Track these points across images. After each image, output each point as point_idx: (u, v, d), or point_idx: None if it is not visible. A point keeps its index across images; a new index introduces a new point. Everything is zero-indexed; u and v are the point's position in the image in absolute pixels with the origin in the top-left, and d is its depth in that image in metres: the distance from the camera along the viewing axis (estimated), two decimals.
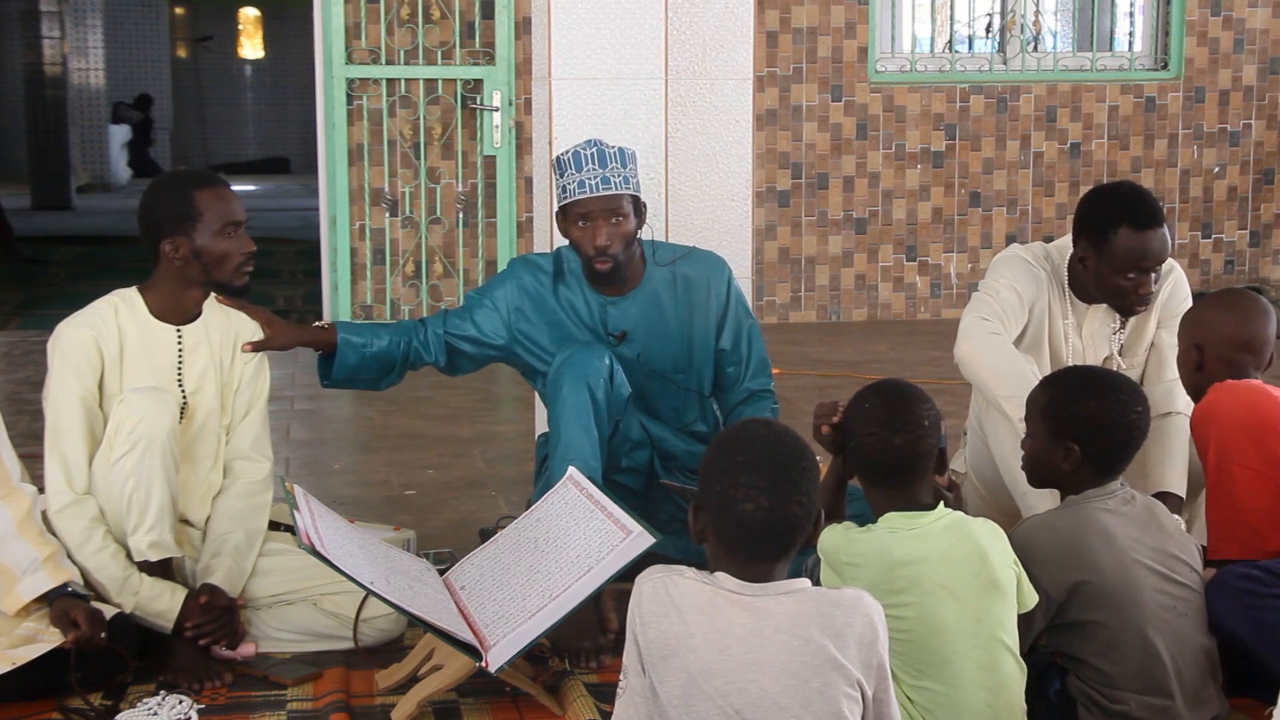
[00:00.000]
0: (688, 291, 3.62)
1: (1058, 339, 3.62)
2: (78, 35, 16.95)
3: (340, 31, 7.28)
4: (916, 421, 2.60)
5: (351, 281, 7.46)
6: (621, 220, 3.45)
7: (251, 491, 3.29)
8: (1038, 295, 3.57)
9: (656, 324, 3.59)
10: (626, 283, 3.58)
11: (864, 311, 7.96)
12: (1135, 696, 2.63)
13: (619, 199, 3.44)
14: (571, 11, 3.99)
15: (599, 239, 3.44)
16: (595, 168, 3.43)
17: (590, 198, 3.43)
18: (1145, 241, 3.41)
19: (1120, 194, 3.52)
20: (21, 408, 5.22)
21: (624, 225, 3.46)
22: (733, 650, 2.16)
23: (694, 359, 3.63)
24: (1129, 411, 2.73)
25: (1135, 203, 3.47)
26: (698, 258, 3.67)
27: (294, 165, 19.43)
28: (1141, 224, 3.41)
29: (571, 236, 3.50)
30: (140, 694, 2.98)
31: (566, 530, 2.95)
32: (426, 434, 5.39)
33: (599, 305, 3.59)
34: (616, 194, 3.43)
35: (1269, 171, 8.29)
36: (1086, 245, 3.48)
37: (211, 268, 3.18)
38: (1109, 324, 3.64)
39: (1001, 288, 3.55)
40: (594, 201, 3.43)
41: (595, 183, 3.43)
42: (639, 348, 3.59)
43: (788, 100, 7.76)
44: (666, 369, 3.61)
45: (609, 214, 3.43)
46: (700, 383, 3.65)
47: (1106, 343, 3.65)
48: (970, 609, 2.52)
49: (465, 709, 2.96)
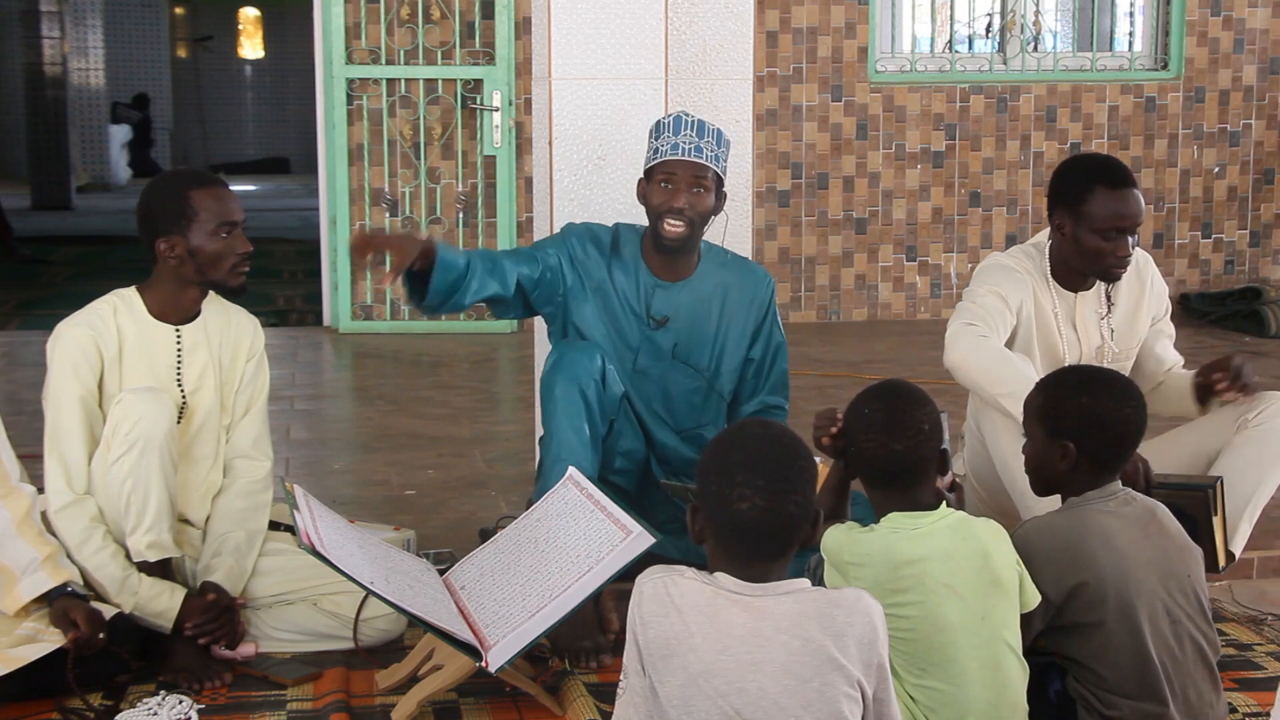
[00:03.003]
0: (732, 295, 3.64)
1: (1051, 332, 3.64)
2: (78, 35, 16.96)
3: (340, 31, 7.28)
4: (917, 426, 2.60)
5: (351, 281, 7.46)
6: (703, 192, 3.49)
7: (252, 491, 3.29)
8: (1024, 296, 3.61)
9: (697, 318, 3.62)
10: (687, 257, 3.59)
11: (864, 311, 7.96)
12: (1128, 702, 2.62)
13: (705, 170, 3.48)
14: (571, 11, 3.99)
15: (678, 200, 3.47)
16: (692, 135, 3.48)
17: (680, 160, 3.46)
18: (1121, 200, 3.48)
19: (1092, 159, 3.67)
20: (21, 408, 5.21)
21: (704, 198, 3.50)
22: (733, 650, 2.16)
23: (724, 362, 3.65)
24: (1122, 407, 2.73)
25: (1108, 165, 3.59)
26: (747, 267, 3.72)
27: (294, 165, 19.44)
28: (1116, 183, 3.51)
29: (650, 199, 3.52)
30: (140, 694, 2.98)
31: (566, 530, 2.96)
32: (426, 434, 5.39)
33: (649, 286, 3.60)
34: (705, 165, 3.48)
35: (1269, 171, 8.28)
36: (1064, 212, 3.56)
37: (206, 267, 3.18)
38: (1097, 311, 3.66)
39: (983, 294, 3.60)
40: (682, 165, 3.46)
41: (689, 148, 3.47)
42: (675, 338, 3.61)
43: (788, 100, 7.76)
44: (697, 364, 3.63)
45: (693, 181, 3.47)
46: (723, 386, 3.67)
47: (1097, 329, 3.67)
48: (974, 608, 2.52)
49: (465, 709, 2.96)
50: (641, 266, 3.60)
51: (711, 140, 3.50)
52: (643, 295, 3.60)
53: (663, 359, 3.60)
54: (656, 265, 3.60)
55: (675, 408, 3.64)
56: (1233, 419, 3.53)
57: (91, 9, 17.56)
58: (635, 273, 3.60)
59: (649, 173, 3.53)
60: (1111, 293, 3.69)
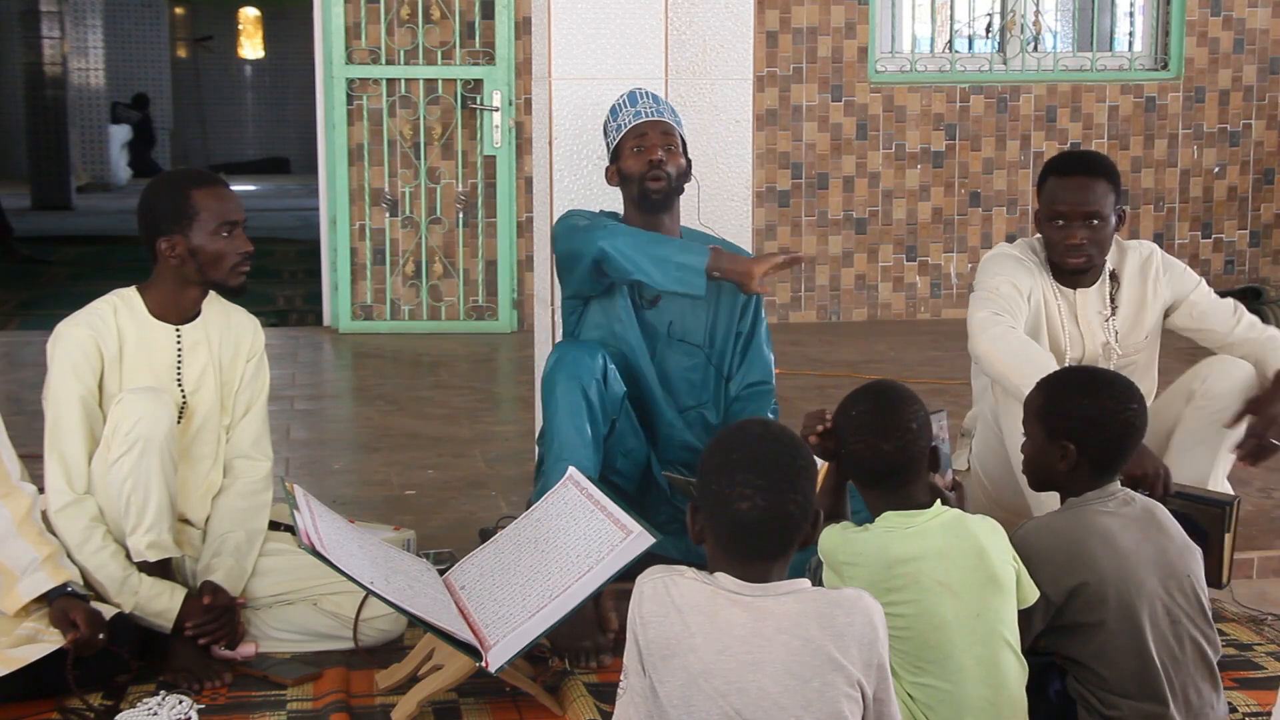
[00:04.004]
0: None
1: (1055, 327, 3.65)
2: (78, 35, 16.97)
3: (340, 31, 7.28)
4: (904, 426, 2.59)
5: (351, 281, 7.46)
6: (674, 150, 3.55)
7: (252, 491, 3.29)
8: (1032, 286, 3.65)
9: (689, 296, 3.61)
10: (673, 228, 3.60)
11: (864, 311, 7.96)
12: (1128, 702, 2.62)
13: (673, 130, 3.57)
14: (571, 11, 3.99)
15: (654, 154, 3.52)
16: (650, 103, 3.59)
17: (647, 121, 3.55)
18: (1064, 187, 3.58)
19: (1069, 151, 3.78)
20: (21, 408, 5.21)
21: (676, 155, 3.56)
22: (733, 650, 2.16)
23: (717, 337, 3.67)
24: (1123, 409, 2.73)
25: (1070, 154, 3.72)
26: (731, 246, 3.72)
27: (294, 165, 19.45)
28: (1066, 170, 3.62)
29: (625, 168, 3.56)
30: (140, 694, 2.98)
31: (566, 530, 2.96)
32: (426, 434, 5.39)
33: None
34: (671, 124, 3.56)
35: (1269, 171, 8.28)
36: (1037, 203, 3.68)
37: (206, 267, 3.18)
38: (1101, 311, 3.67)
39: (999, 284, 3.61)
40: (650, 125, 3.55)
41: (650, 111, 3.56)
42: (670, 316, 3.62)
43: (788, 100, 7.76)
44: (694, 340, 3.64)
45: (664, 138, 3.54)
46: (721, 361, 3.67)
47: (1101, 330, 3.67)
48: (969, 605, 2.52)
49: (465, 709, 2.96)
50: None
51: (668, 109, 3.61)
52: None
53: (659, 340, 3.61)
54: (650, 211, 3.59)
55: (675, 387, 3.64)
56: (1184, 391, 3.60)
57: (91, 9, 17.56)
58: None
59: (618, 150, 3.57)
60: (1115, 294, 3.69)
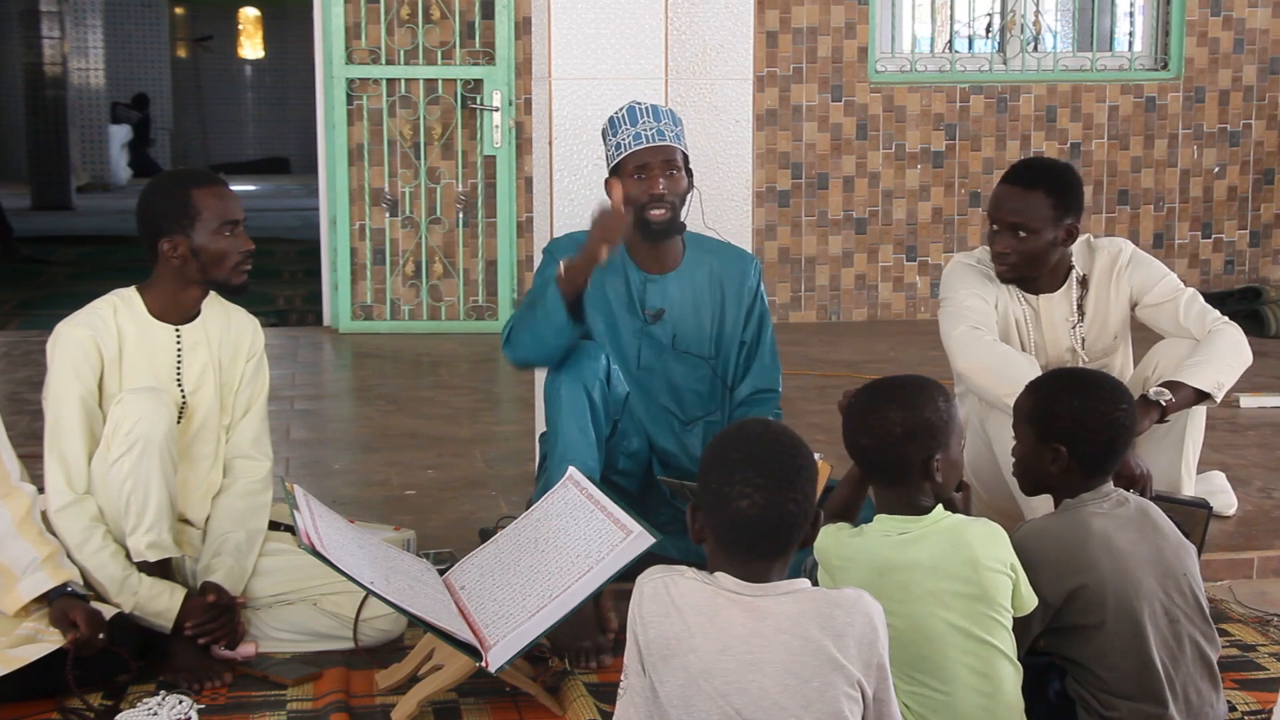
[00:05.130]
0: (721, 280, 3.66)
1: (1020, 334, 3.67)
2: (78, 35, 16.96)
3: (340, 31, 7.28)
4: (885, 428, 2.56)
5: (351, 281, 7.46)
6: (676, 174, 3.52)
7: (252, 490, 3.29)
8: (997, 295, 3.68)
9: (691, 307, 3.63)
10: (672, 245, 3.60)
11: (864, 311, 7.96)
12: (1128, 703, 2.61)
13: (674, 152, 3.52)
14: (571, 11, 3.99)
15: (656, 187, 3.49)
16: (650, 121, 3.52)
17: (648, 148, 3.49)
18: (1000, 193, 3.63)
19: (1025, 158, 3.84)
20: (21, 408, 5.21)
21: (679, 179, 3.53)
22: (733, 650, 2.16)
23: (722, 346, 3.66)
24: (1113, 410, 2.73)
25: (1022, 161, 3.82)
26: (732, 250, 3.75)
27: (294, 165, 19.45)
28: (1007, 176, 3.66)
29: (629, 193, 3.52)
30: (140, 694, 2.98)
31: (566, 530, 2.96)
32: (426, 434, 5.39)
33: (639, 282, 3.61)
34: (672, 146, 3.52)
35: (1269, 171, 8.28)
36: None
37: (209, 266, 3.18)
38: (1068, 318, 3.68)
39: (964, 298, 3.65)
40: (651, 152, 3.50)
41: (651, 134, 3.51)
42: (674, 328, 3.62)
43: (788, 100, 7.76)
44: (699, 352, 3.64)
45: (665, 165, 3.50)
46: (726, 370, 3.67)
47: (1067, 335, 3.68)
48: (959, 618, 2.50)
49: (465, 709, 2.96)
50: (629, 264, 3.60)
51: (669, 121, 3.55)
52: (634, 292, 3.60)
53: (664, 352, 3.60)
54: (644, 259, 3.60)
55: (683, 399, 3.65)
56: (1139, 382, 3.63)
57: (91, 9, 17.56)
58: (624, 271, 3.60)
59: (618, 168, 3.54)
60: (1083, 300, 3.71)
